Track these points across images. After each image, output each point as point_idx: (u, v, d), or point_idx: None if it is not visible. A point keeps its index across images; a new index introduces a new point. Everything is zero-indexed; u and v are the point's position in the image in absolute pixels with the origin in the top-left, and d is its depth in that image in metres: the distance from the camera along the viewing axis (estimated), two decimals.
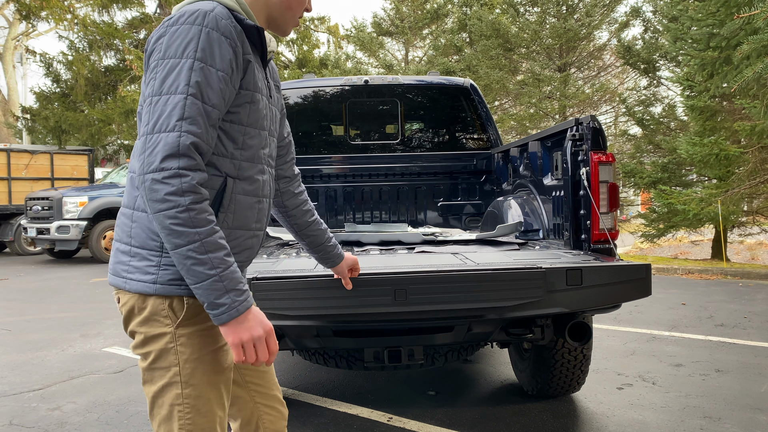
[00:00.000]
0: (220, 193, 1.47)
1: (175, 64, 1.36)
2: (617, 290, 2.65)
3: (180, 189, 1.30)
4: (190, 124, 1.34)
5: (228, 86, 1.42)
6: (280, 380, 4.31)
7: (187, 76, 1.35)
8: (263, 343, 1.41)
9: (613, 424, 3.38)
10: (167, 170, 1.30)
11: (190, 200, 1.31)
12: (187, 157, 1.32)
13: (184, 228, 1.31)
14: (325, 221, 5.09)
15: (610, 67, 18.87)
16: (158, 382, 1.46)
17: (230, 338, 1.38)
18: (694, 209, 9.69)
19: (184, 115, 1.33)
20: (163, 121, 1.33)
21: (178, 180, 1.30)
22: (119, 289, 1.49)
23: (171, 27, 1.39)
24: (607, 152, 3.02)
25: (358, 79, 5.22)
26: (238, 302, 1.36)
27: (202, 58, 1.37)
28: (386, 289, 2.44)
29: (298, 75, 19.88)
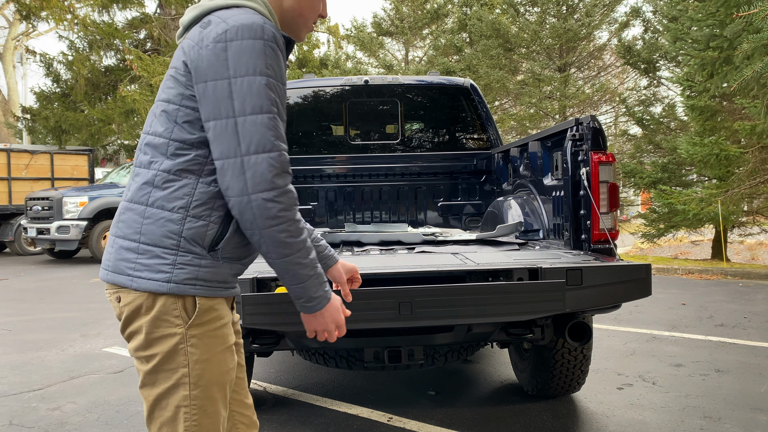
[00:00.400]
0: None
1: (251, 83, 1.38)
2: (617, 290, 2.65)
3: (289, 204, 1.40)
4: (283, 142, 1.42)
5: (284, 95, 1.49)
6: (281, 380, 4.31)
7: (267, 94, 1.39)
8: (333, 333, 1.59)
9: (613, 424, 3.38)
10: (279, 189, 1.38)
11: (295, 213, 1.42)
12: (288, 174, 1.42)
13: (293, 239, 1.41)
14: (325, 221, 5.11)
15: (610, 67, 18.87)
16: (163, 384, 1.44)
17: (315, 324, 1.56)
18: (694, 209, 9.69)
19: (277, 134, 1.40)
20: (259, 141, 1.37)
21: (287, 197, 1.39)
22: (121, 288, 1.45)
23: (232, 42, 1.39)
24: (607, 152, 3.02)
25: (358, 79, 5.22)
26: (327, 292, 1.53)
27: (272, 75, 1.41)
28: (390, 302, 2.39)
29: (298, 75, 19.88)
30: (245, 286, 2.49)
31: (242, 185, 1.36)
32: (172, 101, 1.46)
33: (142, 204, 1.44)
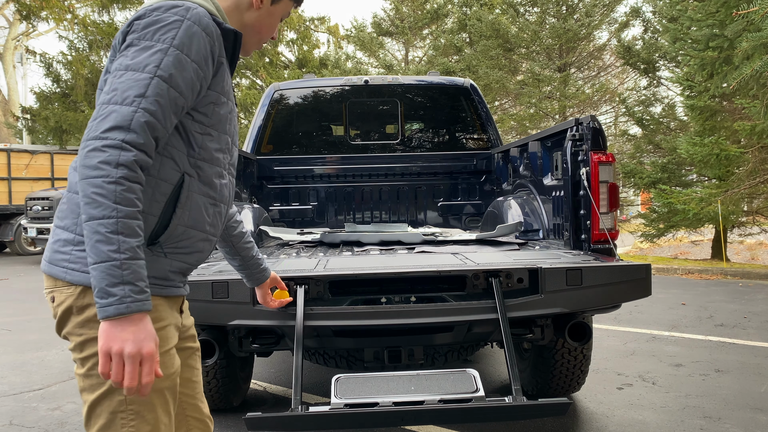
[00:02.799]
0: (178, 189, 1.42)
1: (150, 46, 1.32)
2: (617, 290, 2.65)
3: (116, 161, 1.23)
4: (150, 104, 1.28)
5: (198, 80, 1.39)
6: (281, 380, 4.32)
7: (159, 58, 1.31)
8: (135, 365, 1.23)
9: (613, 424, 3.38)
10: (110, 139, 1.23)
11: (121, 174, 1.22)
12: (136, 133, 1.26)
13: (104, 200, 1.21)
14: (325, 221, 5.11)
15: (610, 67, 18.87)
16: (98, 389, 1.35)
17: (101, 342, 1.23)
18: (694, 209, 9.69)
19: (145, 93, 1.29)
20: (120, 94, 1.28)
21: (117, 152, 1.23)
22: (56, 281, 1.37)
23: (153, 12, 1.36)
24: (607, 152, 3.02)
25: (358, 79, 5.22)
26: (132, 299, 1.22)
27: (179, 46, 1.34)
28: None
29: (298, 75, 19.88)
30: (244, 287, 2.49)
31: (86, 131, 1.27)
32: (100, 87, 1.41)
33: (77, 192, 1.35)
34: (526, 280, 2.64)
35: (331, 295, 2.64)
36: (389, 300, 2.62)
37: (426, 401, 2.15)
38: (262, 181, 5.00)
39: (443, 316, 2.59)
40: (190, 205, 1.45)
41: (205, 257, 1.56)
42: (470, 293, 2.66)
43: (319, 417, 2.17)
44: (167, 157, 1.40)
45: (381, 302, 2.62)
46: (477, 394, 2.17)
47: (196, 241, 1.50)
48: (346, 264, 2.89)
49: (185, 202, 1.44)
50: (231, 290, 2.50)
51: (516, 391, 2.28)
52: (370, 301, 2.63)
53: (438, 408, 2.14)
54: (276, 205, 5.09)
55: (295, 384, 2.30)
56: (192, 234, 1.48)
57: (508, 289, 2.64)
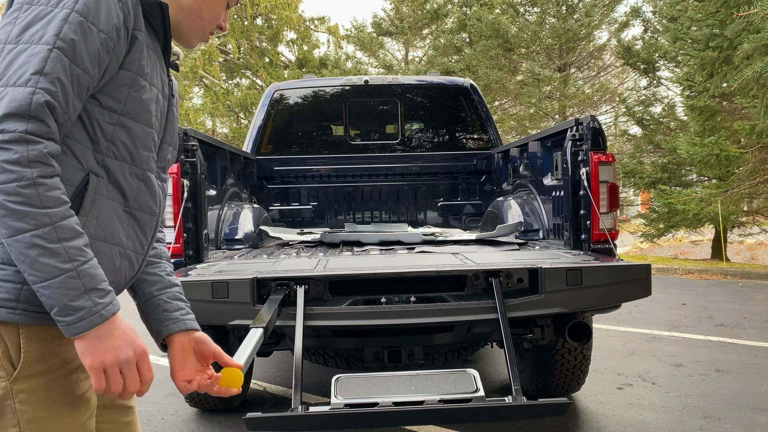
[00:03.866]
0: (81, 191, 1.14)
1: (46, 12, 1.07)
2: (617, 290, 2.65)
3: (25, 158, 0.99)
4: (50, 82, 1.03)
5: (107, 54, 1.13)
6: (281, 380, 4.31)
7: (59, 26, 1.06)
8: (134, 369, 1.09)
9: (613, 424, 3.38)
10: (8, 132, 1.00)
11: (38, 172, 1.00)
12: (39, 120, 1.02)
13: (28, 208, 0.99)
14: (325, 221, 5.11)
15: (610, 67, 18.88)
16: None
17: (88, 359, 1.05)
18: (694, 209, 9.70)
19: (44, 69, 1.03)
20: (13, 72, 1.03)
21: (24, 147, 1.00)
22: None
23: None
24: (607, 152, 3.02)
25: (358, 79, 5.23)
26: (102, 305, 1.04)
27: (82, 11, 1.08)
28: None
29: (298, 75, 19.89)
30: (244, 287, 2.49)
31: None
32: None
33: None
34: (526, 280, 2.64)
35: (331, 295, 2.64)
36: (389, 300, 2.62)
37: (426, 401, 2.15)
38: (262, 181, 5.00)
39: (443, 316, 2.59)
40: (98, 212, 1.17)
41: (124, 279, 1.25)
42: (470, 293, 2.66)
43: (319, 417, 2.17)
44: (66, 152, 1.13)
45: (381, 302, 2.62)
46: (477, 394, 2.17)
47: (109, 257, 1.19)
48: (346, 264, 2.89)
49: (90, 208, 1.16)
50: (231, 290, 2.50)
51: (516, 391, 2.28)
52: (370, 301, 2.63)
53: (438, 408, 2.14)
54: (276, 205, 5.09)
55: (295, 384, 2.29)
56: (103, 248, 1.17)
57: (508, 289, 2.64)
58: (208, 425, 3.41)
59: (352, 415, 2.14)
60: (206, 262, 3.06)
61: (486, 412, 2.22)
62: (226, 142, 4.70)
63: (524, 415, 2.48)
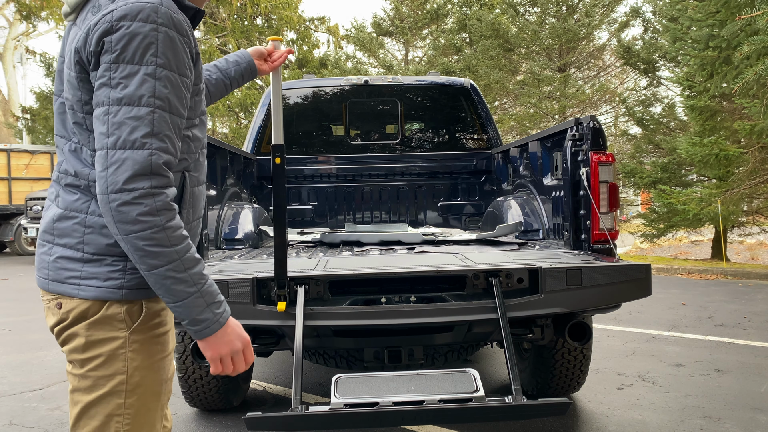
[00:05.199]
0: (180, 190, 1.41)
1: (135, 71, 1.24)
2: (617, 290, 2.65)
3: (154, 208, 1.23)
4: (161, 141, 1.26)
5: (188, 91, 1.36)
6: (281, 380, 4.32)
7: (152, 85, 1.25)
8: (241, 355, 1.40)
9: (613, 424, 3.38)
10: (138, 190, 1.22)
11: (165, 219, 1.25)
12: (159, 176, 1.25)
13: (161, 248, 1.24)
14: (325, 221, 5.11)
15: (610, 67, 18.87)
16: (96, 390, 1.33)
17: (209, 352, 1.36)
18: (694, 209, 9.69)
19: (153, 130, 1.25)
20: (127, 136, 1.23)
21: (152, 200, 1.23)
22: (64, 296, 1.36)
23: (121, 23, 1.25)
24: (607, 152, 3.02)
25: (358, 79, 5.23)
26: (218, 314, 1.34)
27: (164, 64, 1.27)
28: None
29: (298, 75, 19.88)
30: (244, 287, 2.49)
31: (103, 182, 1.23)
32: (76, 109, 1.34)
33: (80, 212, 1.35)
34: (526, 280, 2.64)
35: (331, 295, 2.64)
36: (389, 300, 2.62)
37: (426, 401, 2.15)
38: (262, 181, 5.00)
39: (443, 316, 2.59)
40: (192, 202, 1.46)
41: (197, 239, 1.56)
42: (470, 293, 2.66)
43: (319, 417, 2.17)
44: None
45: (381, 302, 2.62)
46: (477, 394, 2.17)
47: (195, 229, 1.51)
48: (346, 264, 2.89)
49: (188, 201, 1.44)
50: (231, 290, 2.50)
51: (516, 391, 2.28)
52: (370, 301, 2.63)
53: (438, 408, 2.14)
54: None
55: (295, 384, 2.29)
56: (193, 227, 1.50)
57: (508, 289, 2.64)
58: (208, 425, 3.41)
59: (352, 415, 2.14)
60: (206, 262, 3.06)
61: (486, 412, 2.22)
62: (226, 142, 4.70)
63: (524, 415, 2.48)
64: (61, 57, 1.40)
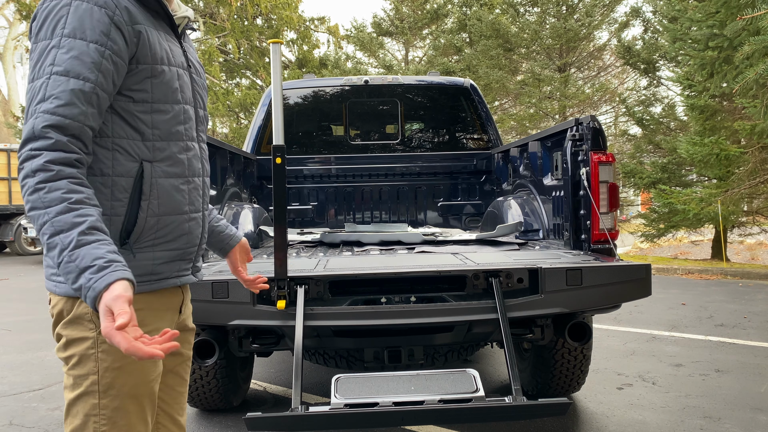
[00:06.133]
0: (139, 180, 1.37)
1: (45, 47, 1.27)
2: (617, 290, 2.65)
3: (30, 170, 1.22)
4: (49, 103, 1.24)
5: (108, 60, 1.29)
6: (281, 380, 4.31)
7: (53, 55, 1.26)
8: (122, 303, 1.14)
9: (613, 424, 3.38)
10: (23, 155, 1.24)
11: (38, 179, 1.20)
12: (43, 138, 1.23)
13: (35, 211, 1.20)
14: (325, 221, 5.11)
15: (610, 67, 18.87)
16: (76, 389, 1.34)
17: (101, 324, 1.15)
18: (694, 209, 9.69)
19: (45, 95, 1.24)
20: (31, 108, 1.26)
21: (30, 162, 1.22)
22: (51, 294, 1.40)
23: (41, 6, 1.30)
24: (607, 152, 3.02)
25: (358, 79, 5.23)
26: (93, 279, 1.15)
27: (70, 33, 1.27)
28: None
29: (298, 75, 19.88)
30: (244, 287, 2.48)
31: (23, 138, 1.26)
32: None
33: None
34: (526, 280, 2.64)
35: (331, 295, 2.64)
36: (389, 300, 2.62)
37: (426, 401, 2.15)
38: (262, 181, 5.00)
39: (443, 316, 2.59)
40: (158, 193, 1.40)
41: (197, 238, 1.52)
42: (470, 293, 2.67)
43: (319, 417, 2.17)
44: (118, 150, 1.35)
45: (381, 302, 2.62)
46: (477, 394, 2.17)
47: (178, 225, 1.45)
48: (346, 264, 2.89)
49: (150, 192, 1.39)
50: (231, 290, 2.50)
51: (516, 391, 2.28)
52: (370, 301, 2.63)
53: (438, 408, 2.14)
54: None
55: (295, 384, 2.29)
56: (168, 221, 1.43)
57: (508, 289, 2.64)
58: (208, 425, 3.41)
59: (352, 415, 2.14)
60: (206, 262, 3.06)
61: (486, 412, 2.22)
62: (226, 142, 4.70)
63: (524, 415, 2.48)
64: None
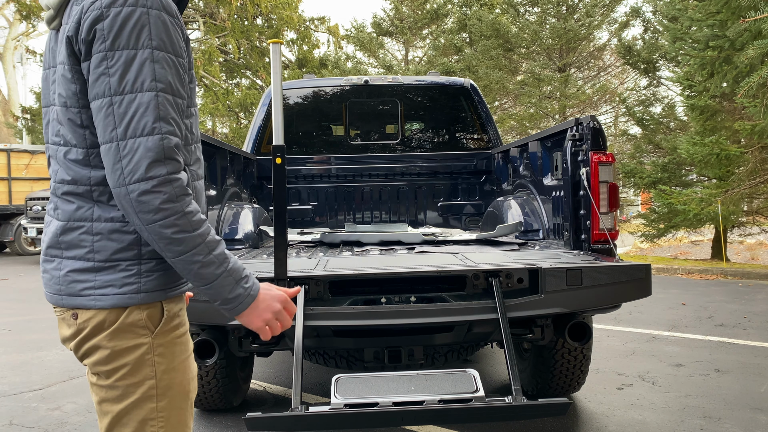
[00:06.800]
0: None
1: (132, 56, 1.22)
2: (617, 290, 2.65)
3: (173, 195, 1.23)
4: (168, 124, 1.24)
5: (185, 72, 1.33)
6: (281, 380, 4.31)
7: (151, 69, 1.23)
8: (283, 313, 1.41)
9: (613, 424, 3.38)
10: (156, 178, 1.21)
11: (185, 204, 1.25)
12: (173, 160, 1.24)
13: (184, 234, 1.24)
14: (325, 221, 5.11)
15: (610, 67, 18.87)
16: (127, 398, 1.32)
17: (254, 323, 1.38)
18: (694, 209, 9.69)
19: (160, 114, 1.23)
20: (136, 123, 1.21)
21: (170, 186, 1.23)
22: (80, 309, 1.32)
23: (111, 9, 1.22)
24: (607, 152, 3.02)
25: (358, 79, 5.23)
26: (248, 288, 1.34)
27: (159, 46, 1.24)
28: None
29: (298, 75, 19.88)
30: None
31: (118, 174, 1.22)
32: (70, 105, 1.30)
33: (85, 221, 1.32)
34: (526, 280, 2.64)
35: (331, 295, 2.64)
36: (389, 300, 2.62)
37: (426, 401, 2.15)
38: (262, 181, 5.00)
39: (443, 316, 2.59)
40: (196, 195, 1.43)
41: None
42: (470, 293, 2.67)
43: (319, 417, 2.17)
44: None
45: (381, 302, 2.62)
46: (477, 394, 2.17)
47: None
48: (346, 264, 2.89)
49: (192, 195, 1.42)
50: None
51: (516, 391, 2.28)
52: (370, 301, 2.63)
53: (438, 408, 2.14)
54: None
55: (295, 384, 2.29)
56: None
57: (508, 289, 2.64)
58: (208, 425, 3.41)
59: (352, 415, 2.14)
60: None
61: (486, 412, 2.22)
62: (226, 142, 4.70)
63: (524, 415, 2.48)
64: (47, 65, 1.37)
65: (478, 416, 2.28)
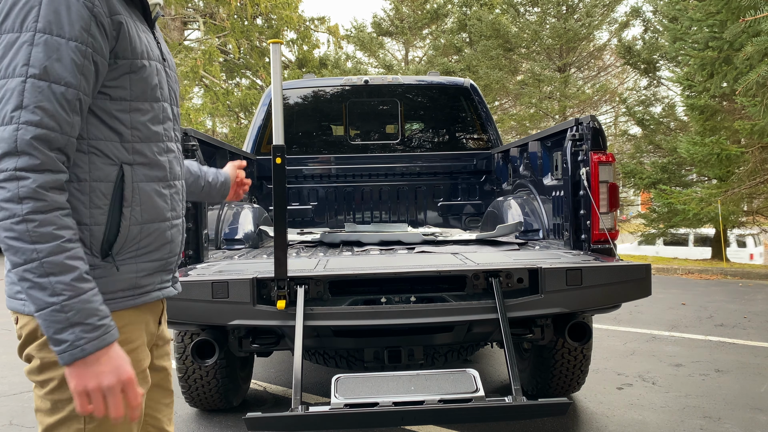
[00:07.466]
0: (120, 185, 1.24)
1: (12, 40, 1.11)
2: (617, 290, 2.65)
3: (16, 195, 1.07)
4: (32, 113, 1.09)
5: (88, 59, 1.16)
6: (281, 380, 4.31)
7: (26, 53, 1.10)
8: (116, 395, 1.15)
9: (613, 424, 3.38)
10: (2, 172, 1.07)
11: (28, 209, 1.07)
12: (28, 155, 1.08)
13: (20, 243, 1.07)
14: (325, 221, 5.11)
15: (610, 67, 18.88)
16: (56, 414, 1.22)
17: (72, 383, 1.13)
18: (694, 209, 9.70)
19: (22, 102, 1.09)
20: (3, 110, 1.09)
21: (14, 184, 1.07)
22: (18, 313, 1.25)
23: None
24: (607, 152, 3.02)
25: (358, 79, 5.23)
26: (85, 340, 1.10)
27: (44, 28, 1.11)
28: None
29: (298, 75, 19.88)
30: (244, 287, 2.49)
31: None
32: None
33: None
34: (526, 280, 2.64)
35: (331, 295, 2.64)
36: (389, 300, 2.62)
37: (426, 401, 2.15)
38: (262, 181, 5.00)
39: (443, 316, 2.59)
40: (140, 199, 1.28)
41: (178, 246, 1.41)
42: (470, 293, 2.66)
43: (319, 417, 2.17)
44: (95, 153, 1.22)
45: (381, 302, 2.62)
46: (477, 394, 2.17)
47: (161, 233, 1.33)
48: (346, 264, 2.89)
49: (132, 197, 1.26)
50: (231, 290, 2.50)
51: (516, 391, 2.28)
52: (370, 301, 2.63)
53: (438, 408, 2.14)
54: None
55: (295, 384, 2.29)
56: (152, 228, 1.31)
57: (508, 289, 2.64)
58: (208, 425, 3.41)
59: (352, 415, 2.14)
60: (206, 262, 3.06)
61: (486, 412, 2.22)
62: (226, 142, 4.70)
63: (524, 415, 2.48)
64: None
65: (478, 416, 2.28)
